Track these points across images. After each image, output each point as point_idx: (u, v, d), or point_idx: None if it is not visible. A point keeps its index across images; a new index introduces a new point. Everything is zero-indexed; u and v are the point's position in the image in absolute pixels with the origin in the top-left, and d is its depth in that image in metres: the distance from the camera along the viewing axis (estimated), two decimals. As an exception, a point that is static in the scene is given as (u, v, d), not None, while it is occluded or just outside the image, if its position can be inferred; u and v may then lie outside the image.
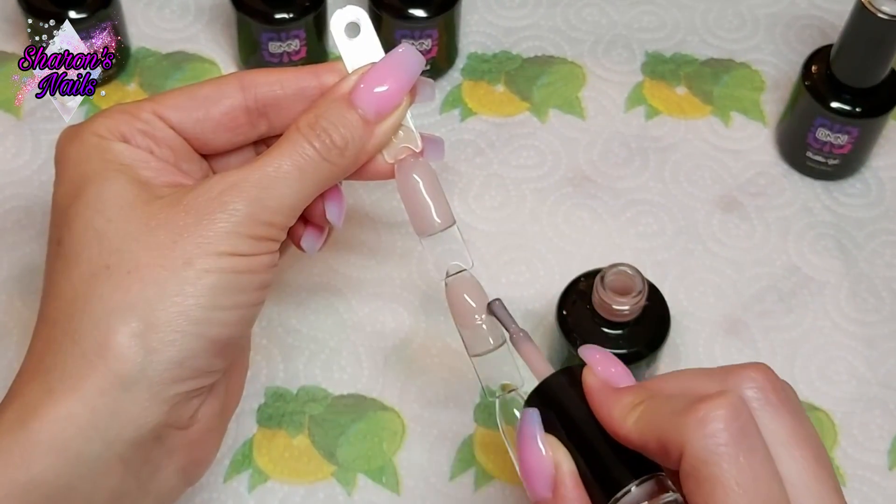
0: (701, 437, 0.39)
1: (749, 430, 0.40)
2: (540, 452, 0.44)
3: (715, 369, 0.44)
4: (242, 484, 0.61)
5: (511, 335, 0.49)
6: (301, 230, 0.54)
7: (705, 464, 0.39)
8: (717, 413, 0.39)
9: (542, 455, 0.44)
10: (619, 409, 0.43)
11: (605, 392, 0.44)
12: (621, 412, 0.43)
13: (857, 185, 0.74)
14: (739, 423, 0.39)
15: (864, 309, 0.69)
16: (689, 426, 0.39)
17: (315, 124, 0.50)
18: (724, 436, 0.39)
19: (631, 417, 0.42)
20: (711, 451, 0.39)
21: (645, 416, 0.42)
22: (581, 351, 0.46)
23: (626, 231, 0.71)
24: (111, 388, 0.45)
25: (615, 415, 0.43)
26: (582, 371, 0.45)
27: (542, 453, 0.44)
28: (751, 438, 0.40)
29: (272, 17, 0.72)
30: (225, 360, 0.49)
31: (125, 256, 0.46)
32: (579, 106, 0.77)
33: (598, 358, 0.45)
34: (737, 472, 0.39)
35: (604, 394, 0.44)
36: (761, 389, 0.42)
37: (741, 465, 0.39)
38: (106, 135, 0.50)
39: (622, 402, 0.43)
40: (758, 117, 0.77)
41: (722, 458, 0.39)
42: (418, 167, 0.53)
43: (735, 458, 0.39)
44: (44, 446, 0.44)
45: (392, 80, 0.51)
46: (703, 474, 0.39)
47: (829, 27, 0.81)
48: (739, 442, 0.39)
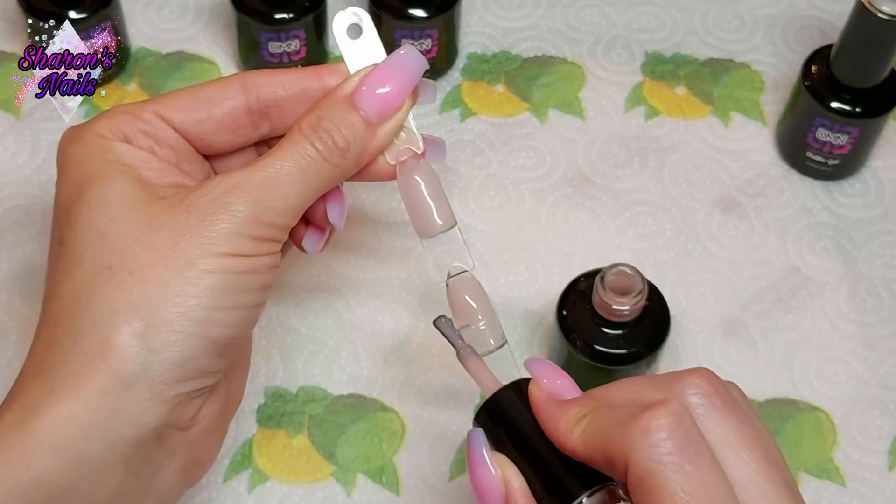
0: (645, 447, 0.39)
1: (693, 437, 0.40)
2: (489, 471, 0.44)
3: (660, 376, 0.44)
4: (242, 484, 0.61)
5: (458, 352, 0.50)
6: (302, 231, 0.54)
7: (651, 474, 0.39)
8: (660, 423, 0.39)
9: (492, 474, 0.44)
10: (565, 422, 0.43)
11: (551, 405, 0.44)
12: (567, 425, 0.43)
13: (857, 186, 0.74)
14: (682, 431, 0.39)
15: (863, 309, 0.69)
16: (633, 437, 0.39)
17: (317, 125, 0.50)
18: (667, 445, 0.39)
19: (577, 430, 0.42)
20: (656, 461, 0.39)
21: (590, 428, 0.42)
22: (526, 364, 0.46)
23: (626, 231, 0.71)
24: (113, 387, 0.45)
25: (561, 428, 0.43)
26: (525, 385, 0.46)
27: (492, 472, 0.44)
28: (695, 445, 0.40)
29: (272, 17, 0.72)
30: (226, 361, 0.49)
31: (127, 256, 0.46)
32: (579, 106, 0.77)
33: (544, 370, 0.46)
34: (683, 480, 0.39)
35: (550, 407, 0.44)
36: (705, 395, 0.42)
37: (687, 473, 0.39)
38: (108, 135, 0.50)
39: (568, 414, 0.43)
40: (758, 117, 0.77)
41: (667, 468, 0.39)
42: (420, 168, 0.53)
43: (680, 466, 0.39)
44: (45, 446, 0.44)
45: (394, 81, 0.51)
46: (649, 484, 0.39)
47: (829, 27, 0.81)
48: (684, 449, 0.39)
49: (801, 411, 0.65)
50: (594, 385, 0.47)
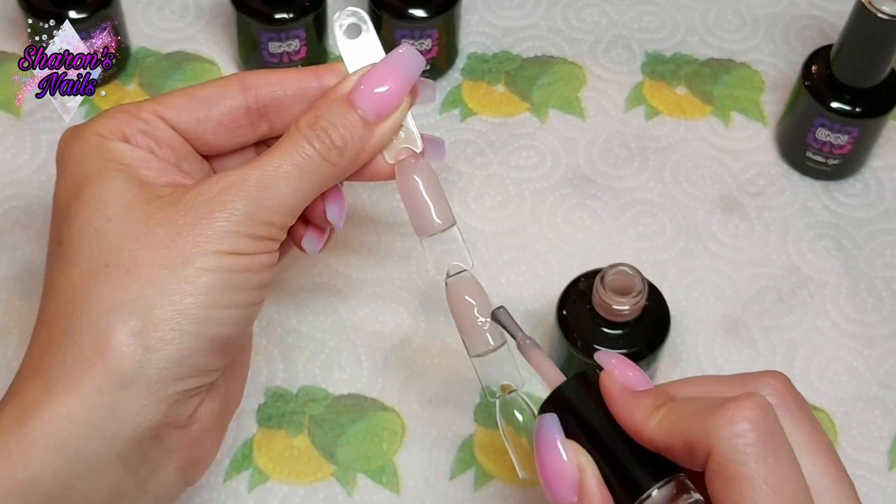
0: (729, 436, 0.39)
1: (776, 432, 0.40)
2: (561, 458, 0.44)
3: (732, 376, 0.45)
4: (242, 484, 0.61)
5: (518, 343, 0.49)
6: (302, 231, 0.54)
7: (734, 463, 0.39)
8: (746, 413, 0.40)
9: (565, 460, 0.44)
10: (641, 410, 0.43)
11: (625, 395, 0.44)
12: (643, 414, 0.43)
13: (857, 185, 0.74)
14: (767, 425, 0.40)
15: (863, 309, 0.69)
16: (717, 426, 0.40)
17: (315, 124, 0.50)
18: (752, 436, 0.39)
19: (654, 419, 0.42)
20: (740, 450, 0.39)
21: (668, 416, 0.42)
22: (598, 356, 0.46)
23: (626, 231, 0.71)
24: (110, 386, 0.45)
25: (637, 416, 0.43)
26: (594, 376, 0.46)
27: (564, 458, 0.44)
28: (778, 440, 0.40)
29: (272, 17, 0.72)
30: (224, 360, 0.49)
31: (124, 255, 0.46)
32: (579, 106, 0.77)
33: (616, 363, 0.46)
34: (765, 472, 0.39)
35: (624, 396, 0.44)
36: (780, 396, 0.43)
37: (769, 466, 0.39)
38: (107, 134, 0.50)
39: (643, 404, 0.43)
40: (758, 117, 0.77)
41: (750, 458, 0.39)
42: (419, 168, 0.53)
43: (763, 458, 0.39)
44: (42, 444, 0.44)
45: (392, 80, 0.51)
46: (731, 473, 0.39)
47: (829, 27, 0.81)
48: (767, 443, 0.39)
49: (801, 411, 0.65)
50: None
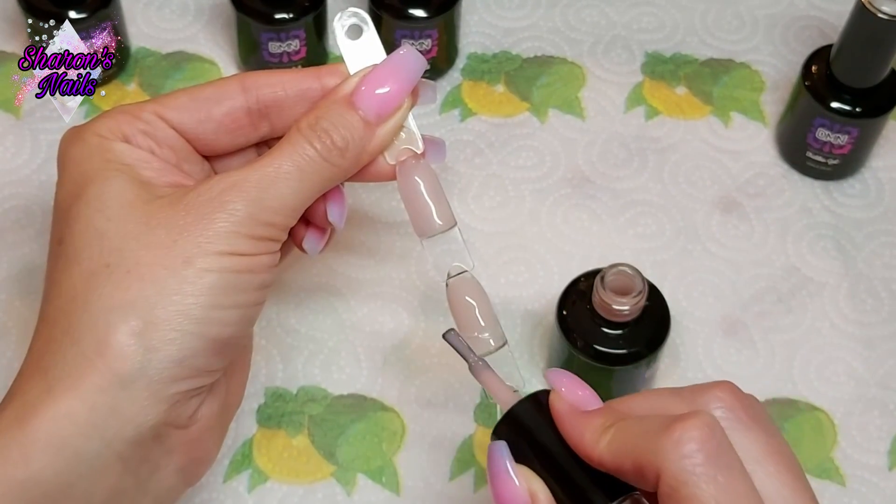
0: (678, 458, 0.39)
1: (724, 449, 0.40)
2: (513, 484, 0.44)
3: (681, 389, 0.44)
4: (242, 484, 0.61)
5: (470, 365, 0.49)
6: (303, 231, 0.54)
7: (684, 485, 0.39)
8: (693, 434, 0.39)
9: (516, 486, 0.44)
10: (591, 432, 0.42)
11: (574, 416, 0.44)
12: (592, 435, 0.42)
13: (857, 186, 0.74)
14: (715, 442, 0.40)
15: (863, 310, 0.69)
16: (665, 448, 0.39)
17: (316, 125, 0.50)
18: (700, 456, 0.39)
19: (603, 440, 0.42)
20: (689, 471, 0.39)
21: (617, 438, 0.42)
22: (547, 375, 0.46)
23: (626, 231, 0.71)
24: (110, 386, 0.45)
25: (587, 438, 0.42)
26: (544, 397, 0.45)
27: (516, 484, 0.44)
28: (727, 457, 0.40)
29: (272, 17, 0.72)
30: (224, 360, 0.49)
31: (125, 255, 0.46)
32: (579, 106, 0.77)
33: (565, 381, 0.45)
34: (715, 491, 0.39)
35: (573, 418, 0.44)
36: (730, 408, 0.43)
37: (719, 484, 0.39)
38: (107, 135, 0.50)
39: (592, 425, 0.43)
40: (757, 117, 0.77)
41: (700, 479, 0.39)
42: (419, 169, 0.53)
43: (713, 478, 0.39)
44: (42, 444, 0.44)
45: (393, 81, 0.51)
46: (682, 495, 0.39)
47: (829, 27, 0.81)
48: (716, 461, 0.39)
49: (801, 411, 0.65)
50: (594, 385, 0.47)
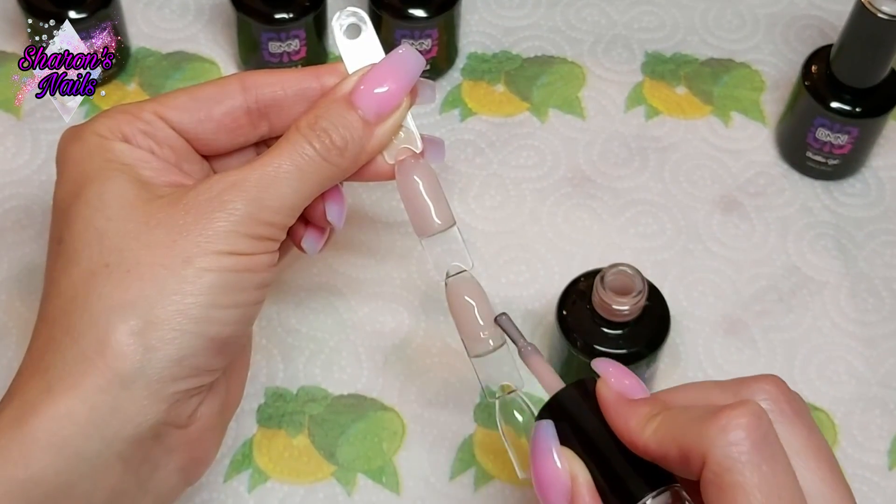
0: (724, 444, 0.39)
1: (770, 439, 0.40)
2: (555, 465, 0.44)
3: (727, 381, 0.44)
4: (242, 484, 0.61)
5: (519, 349, 0.49)
6: (302, 231, 0.54)
7: (728, 471, 0.39)
8: (740, 421, 0.40)
9: (558, 467, 0.44)
10: (637, 419, 0.43)
11: (620, 403, 0.44)
12: (638, 422, 0.43)
13: (857, 185, 0.74)
14: (761, 432, 0.40)
15: (863, 309, 0.69)
16: (712, 434, 0.40)
17: (315, 125, 0.50)
18: (746, 444, 0.39)
19: (649, 428, 0.42)
20: (735, 458, 0.39)
21: (664, 425, 0.42)
22: (594, 364, 0.46)
23: (626, 231, 0.71)
24: (110, 385, 0.45)
25: (632, 425, 0.43)
26: (592, 384, 0.45)
27: (558, 465, 0.44)
28: (772, 447, 0.40)
29: (272, 17, 0.72)
30: (224, 359, 0.49)
31: (125, 255, 0.46)
32: (579, 106, 0.77)
33: (612, 371, 0.45)
34: (759, 480, 0.39)
35: (619, 405, 0.44)
36: (775, 401, 0.43)
37: (764, 473, 0.39)
38: (107, 134, 0.50)
39: (639, 412, 0.43)
40: (758, 117, 0.77)
41: (745, 466, 0.39)
42: (418, 168, 0.53)
43: (758, 466, 0.39)
44: (43, 444, 0.44)
45: (392, 80, 0.51)
46: (725, 482, 0.39)
47: (829, 27, 0.81)
48: (762, 450, 0.39)
49: (801, 411, 0.65)
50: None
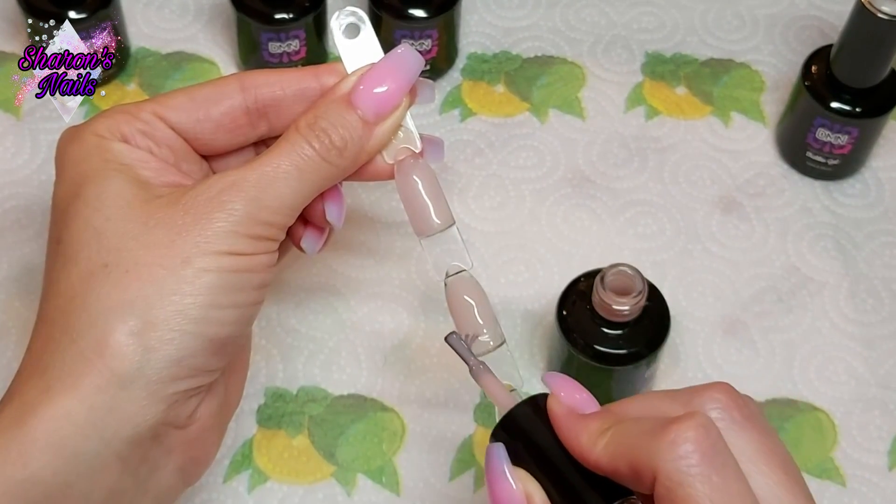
0: (673, 458, 0.39)
1: (719, 449, 0.40)
2: (510, 486, 0.44)
3: (678, 391, 0.44)
4: (242, 484, 0.61)
5: (470, 368, 0.49)
6: (301, 231, 0.54)
7: (679, 485, 0.39)
8: (688, 434, 0.40)
9: (513, 488, 0.44)
10: (587, 435, 0.43)
11: (571, 419, 0.44)
12: (589, 438, 0.43)
13: (857, 186, 0.74)
14: (710, 443, 0.40)
15: (863, 309, 0.69)
16: (661, 449, 0.40)
17: (314, 125, 0.50)
18: (695, 456, 0.39)
19: (600, 443, 0.42)
20: (684, 472, 0.39)
21: (614, 440, 0.42)
22: (545, 378, 0.46)
23: (626, 231, 0.71)
24: (109, 386, 0.45)
25: (583, 441, 0.43)
26: (542, 400, 0.45)
27: (513, 487, 0.44)
28: (722, 457, 0.40)
29: (272, 17, 0.72)
30: (223, 360, 0.49)
31: (123, 255, 0.46)
32: (579, 106, 0.77)
33: (563, 385, 0.45)
34: (710, 491, 0.39)
35: (570, 421, 0.44)
36: (725, 409, 0.43)
37: (714, 484, 0.39)
38: (106, 135, 0.50)
39: (589, 428, 0.43)
40: (758, 117, 0.77)
41: (695, 479, 0.39)
42: (418, 168, 0.53)
43: (708, 478, 0.39)
44: (41, 444, 0.44)
45: (391, 80, 0.51)
46: (677, 495, 0.39)
47: (829, 27, 0.81)
48: (711, 461, 0.39)
49: (801, 411, 0.65)
50: (594, 385, 0.47)
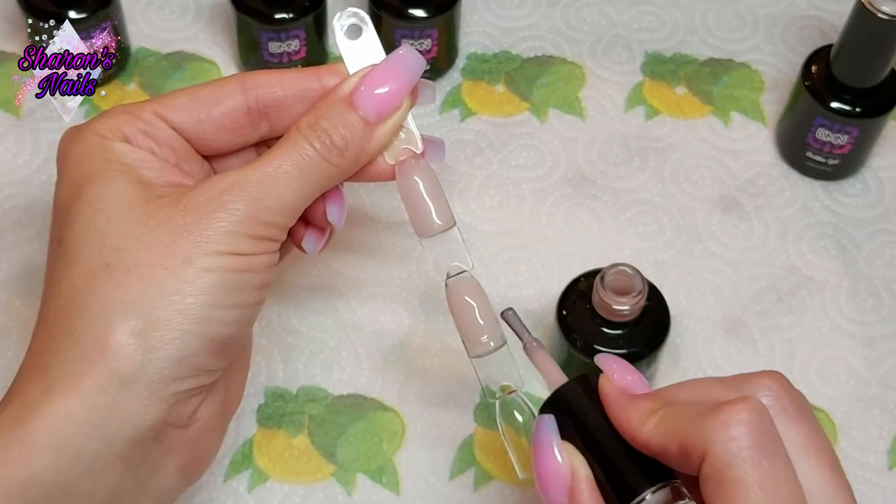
0: (724, 440, 0.39)
1: (771, 435, 0.40)
2: (556, 459, 0.44)
3: (729, 378, 0.45)
4: (242, 484, 0.61)
5: (524, 344, 0.50)
6: (302, 231, 0.54)
7: (728, 466, 0.39)
8: (741, 417, 0.40)
9: (559, 461, 0.44)
10: (638, 414, 0.43)
11: (622, 399, 0.44)
12: (640, 418, 0.43)
13: (857, 186, 0.74)
14: (762, 428, 0.40)
15: (863, 309, 0.69)
16: (712, 429, 0.40)
17: (315, 125, 0.50)
18: (747, 439, 0.39)
19: (650, 423, 0.42)
20: (734, 454, 0.39)
21: (665, 421, 0.42)
22: (597, 359, 0.47)
23: (626, 231, 0.71)
24: (110, 386, 0.45)
25: (633, 420, 0.43)
26: (595, 379, 0.46)
27: (559, 459, 0.44)
28: (773, 443, 0.40)
29: (272, 17, 0.72)
30: (224, 360, 0.49)
31: (125, 255, 0.46)
32: (579, 106, 0.77)
33: (615, 367, 0.46)
34: (759, 476, 0.39)
35: (621, 400, 0.44)
36: (776, 397, 0.43)
37: (763, 469, 0.39)
38: (107, 135, 0.50)
39: (640, 408, 0.43)
40: (758, 117, 0.77)
41: (745, 462, 0.39)
42: (419, 168, 0.53)
43: (758, 462, 0.39)
44: (43, 444, 0.44)
45: (393, 81, 0.51)
46: (725, 477, 0.39)
47: (829, 27, 0.81)
48: (762, 446, 0.39)
49: (801, 411, 0.65)
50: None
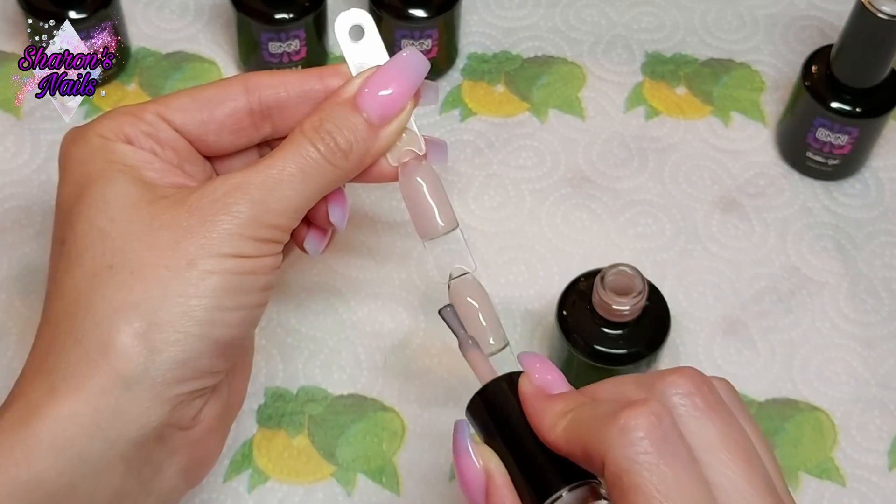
0: (622, 445, 0.39)
1: (671, 438, 0.40)
2: (472, 462, 0.45)
3: (645, 375, 0.44)
4: (242, 484, 0.61)
5: (459, 342, 0.50)
6: (304, 232, 0.54)
7: (627, 472, 0.39)
8: (638, 421, 0.39)
9: (474, 465, 0.45)
10: (550, 416, 0.43)
11: (538, 398, 0.45)
12: (552, 419, 0.43)
13: (857, 186, 0.74)
14: (661, 431, 0.39)
15: (862, 309, 0.69)
16: (611, 435, 0.40)
17: (319, 127, 0.50)
18: (644, 444, 0.39)
19: (560, 425, 0.43)
20: (632, 459, 0.39)
21: (572, 423, 0.42)
22: (519, 357, 0.47)
23: (626, 231, 0.71)
24: (113, 387, 0.45)
25: (546, 422, 0.43)
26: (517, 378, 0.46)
27: (474, 463, 0.45)
28: (672, 445, 0.40)
29: (272, 17, 0.72)
30: (227, 361, 0.49)
31: (128, 256, 0.46)
32: (579, 106, 0.77)
33: (535, 364, 0.46)
34: (658, 480, 0.39)
35: (537, 400, 0.44)
36: (686, 395, 0.42)
37: (663, 473, 0.39)
38: (110, 136, 0.50)
39: (554, 409, 0.43)
40: (758, 117, 0.77)
41: (643, 467, 0.39)
42: (422, 170, 0.53)
43: (656, 467, 0.39)
44: (46, 445, 0.44)
45: (396, 83, 0.51)
46: (625, 483, 0.39)
47: (829, 27, 0.81)
48: (661, 449, 0.39)
49: (801, 411, 0.65)
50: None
